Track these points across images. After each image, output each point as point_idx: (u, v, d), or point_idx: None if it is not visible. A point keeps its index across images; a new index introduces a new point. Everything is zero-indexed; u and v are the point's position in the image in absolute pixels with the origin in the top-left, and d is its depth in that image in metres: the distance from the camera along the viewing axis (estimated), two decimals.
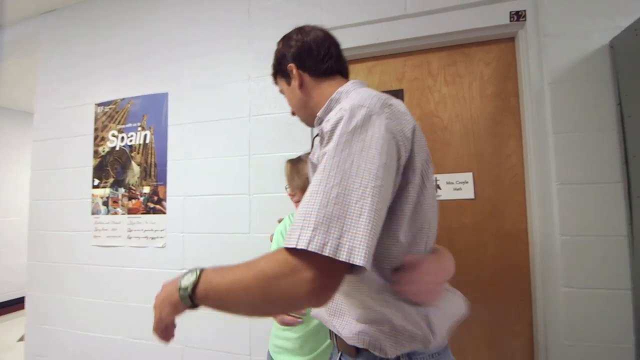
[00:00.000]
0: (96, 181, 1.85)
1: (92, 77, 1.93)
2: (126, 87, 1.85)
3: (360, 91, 0.65)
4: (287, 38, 0.83)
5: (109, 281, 1.79)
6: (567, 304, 1.20)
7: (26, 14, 2.08)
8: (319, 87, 0.77)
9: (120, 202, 1.80)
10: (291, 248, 0.48)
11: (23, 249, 2.08)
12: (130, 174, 1.79)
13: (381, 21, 1.48)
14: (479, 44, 1.45)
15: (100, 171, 1.85)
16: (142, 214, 1.75)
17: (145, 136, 1.78)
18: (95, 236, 1.82)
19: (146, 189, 1.76)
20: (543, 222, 1.27)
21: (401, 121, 0.59)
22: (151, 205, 1.74)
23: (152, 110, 1.78)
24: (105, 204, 1.82)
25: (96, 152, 1.87)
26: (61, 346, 1.85)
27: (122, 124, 1.83)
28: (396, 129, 0.57)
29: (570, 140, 1.23)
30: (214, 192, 1.65)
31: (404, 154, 0.58)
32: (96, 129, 1.88)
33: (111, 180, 1.82)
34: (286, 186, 1.12)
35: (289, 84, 0.81)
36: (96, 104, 1.89)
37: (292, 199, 1.11)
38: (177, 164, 1.73)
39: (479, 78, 1.44)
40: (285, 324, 0.99)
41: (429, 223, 0.64)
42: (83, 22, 1.99)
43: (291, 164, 1.12)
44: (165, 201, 1.73)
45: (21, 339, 2.87)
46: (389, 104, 0.60)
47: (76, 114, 1.94)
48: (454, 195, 1.43)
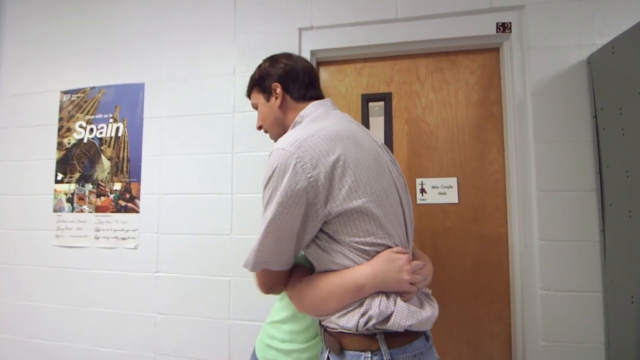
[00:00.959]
0: (59, 175, 1.70)
1: (58, 62, 1.76)
2: (97, 74, 1.71)
3: (295, 130, 0.77)
4: (274, 59, 0.91)
5: (72, 285, 1.64)
6: (543, 306, 1.25)
7: None
8: (295, 109, 0.86)
9: (87, 199, 1.66)
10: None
11: None
12: (99, 169, 1.66)
13: (372, 23, 1.47)
14: (465, 52, 1.48)
15: (64, 165, 1.70)
16: (112, 212, 1.63)
17: (118, 129, 1.66)
18: (57, 236, 1.67)
19: (117, 186, 1.64)
20: (523, 227, 1.32)
21: (317, 166, 0.67)
22: (122, 203, 1.62)
23: (126, 101, 1.66)
24: (70, 200, 1.67)
25: (60, 144, 1.71)
26: (16, 357, 1.68)
27: (92, 114, 1.69)
28: (305, 178, 0.67)
29: (549, 149, 1.28)
30: (193, 190, 1.57)
31: (320, 194, 0.68)
32: (61, 119, 1.73)
33: (77, 175, 1.68)
34: None
35: (267, 99, 0.89)
36: (62, 92, 1.74)
37: None
38: (153, 160, 1.62)
39: (464, 85, 1.48)
40: None
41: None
42: (50, 1, 1.82)
43: None
44: (139, 199, 1.61)
45: None
46: (301, 152, 0.68)
47: (38, 101, 1.77)
48: (438, 199, 1.45)
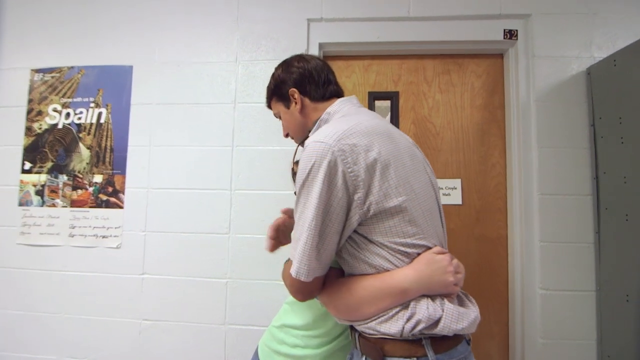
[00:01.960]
0: (27, 164, 1.49)
1: (29, 36, 1.55)
2: (77, 52, 1.52)
3: (330, 124, 0.72)
4: (287, 64, 0.88)
5: (40, 288, 1.45)
6: (542, 305, 1.30)
7: None
8: (316, 110, 0.83)
9: (60, 191, 1.47)
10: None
11: None
12: (76, 158, 1.48)
13: (383, 20, 1.45)
14: (471, 56, 1.50)
15: (33, 152, 1.50)
16: (90, 207, 1.46)
17: (100, 115, 1.49)
18: (23, 233, 1.47)
19: (97, 178, 1.47)
20: (524, 229, 1.36)
21: (357, 161, 0.64)
22: (103, 198, 1.46)
23: (111, 84, 1.50)
24: (40, 193, 1.48)
25: (29, 129, 1.51)
26: None
27: (69, 97, 1.50)
28: (346, 172, 0.63)
29: (551, 155, 1.34)
30: (187, 185, 1.45)
31: (360, 191, 0.64)
32: (31, 101, 1.52)
33: (49, 164, 1.49)
34: (295, 191, 1.01)
35: (287, 107, 0.86)
36: (33, 70, 1.53)
37: None
38: (141, 151, 1.48)
39: (469, 89, 1.50)
40: None
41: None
42: None
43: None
44: (123, 193, 1.46)
45: None
46: (347, 145, 0.64)
47: (3, 79, 1.54)
48: (443, 200, 1.46)
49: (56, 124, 1.50)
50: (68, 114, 1.50)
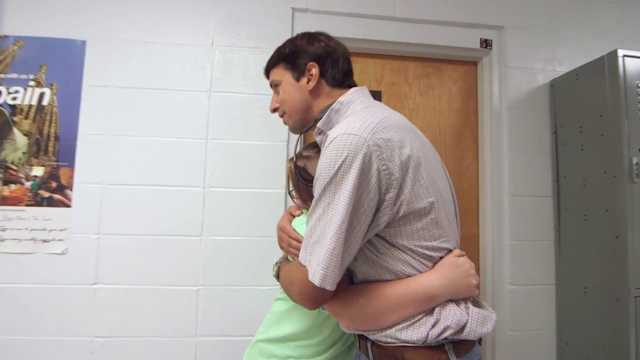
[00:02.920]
0: None
1: None
2: (13, 19, 1.26)
3: (357, 116, 0.64)
4: (313, 36, 0.79)
5: None
6: (511, 299, 1.39)
7: None
8: (329, 96, 0.76)
9: None
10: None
11: None
12: (9, 146, 1.23)
13: (369, 17, 1.43)
14: (449, 62, 1.56)
15: None
16: (27, 205, 1.22)
17: (42, 95, 1.25)
18: None
19: (37, 171, 1.23)
20: (495, 228, 1.44)
21: (392, 157, 0.59)
22: (45, 194, 1.23)
23: (58, 60, 1.26)
24: None
25: None
26: None
27: (0, 72, 1.24)
28: (381, 169, 0.58)
29: (520, 158, 1.44)
30: (153, 181, 1.28)
31: (392, 190, 0.59)
32: None
33: None
34: (291, 190, 0.93)
35: (296, 79, 0.77)
36: None
37: (297, 200, 0.93)
38: (95, 140, 1.27)
39: (447, 92, 1.55)
40: None
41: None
42: None
43: (301, 160, 0.91)
44: (71, 190, 1.24)
45: None
46: (382, 140, 0.59)
47: None
48: None
49: None
50: None
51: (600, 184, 1.22)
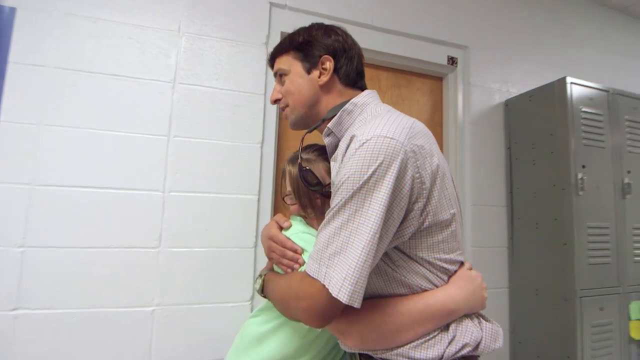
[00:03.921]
0: None
1: None
2: None
3: (387, 118, 0.58)
4: (329, 28, 0.74)
5: None
6: None
7: None
8: (341, 95, 0.71)
9: None
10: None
11: None
12: None
13: (347, 23, 1.40)
14: (418, 75, 1.62)
15: None
16: None
17: None
18: None
19: None
20: None
21: (425, 165, 0.56)
22: None
23: None
24: None
25: None
26: None
27: None
28: (414, 177, 0.54)
29: (480, 171, 1.54)
30: (97, 183, 1.07)
31: (421, 200, 0.56)
32: None
33: None
34: (289, 194, 0.83)
35: (308, 71, 0.71)
36: None
37: (292, 206, 0.84)
38: (23, 130, 1.02)
39: (416, 104, 1.60)
40: None
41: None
42: None
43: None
44: None
45: None
46: (416, 147, 0.55)
47: None
48: None
49: None
50: None
51: (550, 195, 1.36)
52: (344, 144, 0.65)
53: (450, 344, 0.59)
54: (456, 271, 0.64)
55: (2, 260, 0.97)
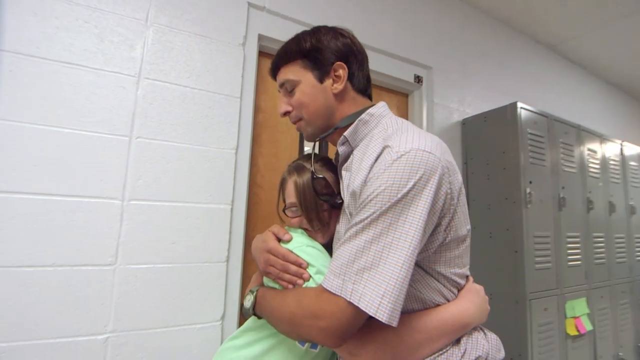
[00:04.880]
0: None
1: None
2: None
3: (417, 132, 0.58)
4: (336, 31, 0.70)
5: None
6: None
7: None
8: (355, 102, 0.69)
9: None
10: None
11: None
12: None
13: None
14: (387, 90, 1.68)
15: None
16: None
17: None
18: None
19: None
20: None
21: (454, 181, 0.57)
22: None
23: None
24: None
25: None
26: None
27: None
28: (447, 193, 0.55)
29: None
30: (40, 189, 0.89)
31: (447, 215, 0.57)
32: None
33: None
34: (291, 207, 0.77)
35: (320, 80, 0.67)
36: None
37: (293, 219, 0.77)
38: None
39: None
40: None
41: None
42: None
43: (308, 174, 0.73)
44: None
45: None
46: (448, 162, 0.57)
47: None
48: None
49: None
50: None
51: (502, 208, 1.50)
52: (359, 153, 0.63)
53: (462, 357, 0.59)
54: (464, 285, 0.66)
55: None
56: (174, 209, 1.05)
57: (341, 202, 0.69)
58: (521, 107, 1.49)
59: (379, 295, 0.48)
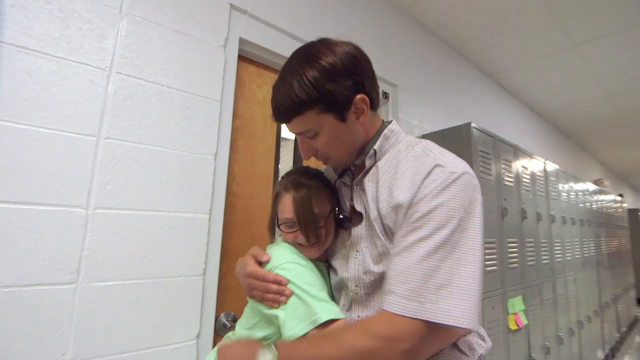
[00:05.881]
0: None
1: None
2: None
3: (449, 153, 0.65)
4: (346, 57, 0.61)
5: None
6: None
7: None
8: (373, 119, 0.69)
9: None
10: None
11: None
12: None
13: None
14: None
15: None
16: None
17: None
18: None
19: None
20: None
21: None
22: None
23: None
24: None
25: None
26: None
27: None
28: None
29: None
30: None
31: None
32: None
33: None
34: (286, 222, 0.72)
35: (342, 119, 0.62)
36: None
37: (288, 234, 0.75)
38: None
39: None
40: None
41: None
42: None
43: (305, 190, 0.71)
44: None
45: None
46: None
47: None
48: None
49: None
50: None
51: None
52: (387, 167, 0.66)
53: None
54: None
55: None
56: (146, 218, 0.96)
57: (344, 216, 0.71)
58: (474, 127, 1.66)
59: (468, 308, 0.51)
